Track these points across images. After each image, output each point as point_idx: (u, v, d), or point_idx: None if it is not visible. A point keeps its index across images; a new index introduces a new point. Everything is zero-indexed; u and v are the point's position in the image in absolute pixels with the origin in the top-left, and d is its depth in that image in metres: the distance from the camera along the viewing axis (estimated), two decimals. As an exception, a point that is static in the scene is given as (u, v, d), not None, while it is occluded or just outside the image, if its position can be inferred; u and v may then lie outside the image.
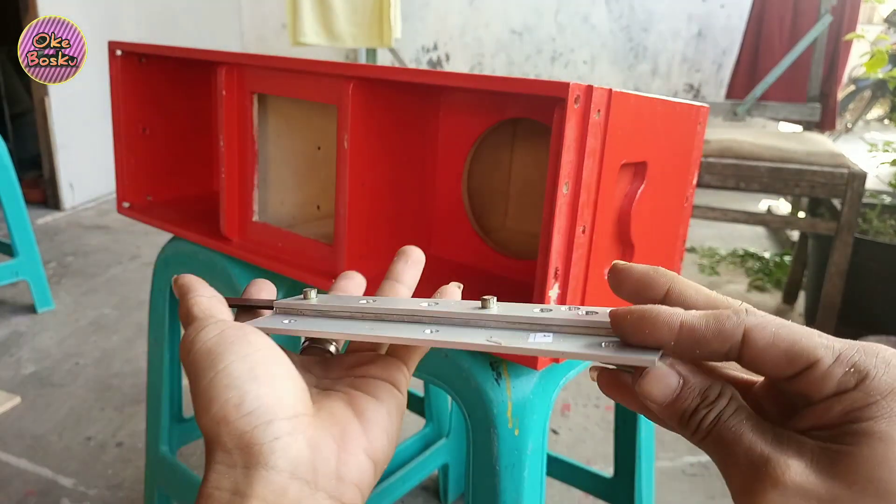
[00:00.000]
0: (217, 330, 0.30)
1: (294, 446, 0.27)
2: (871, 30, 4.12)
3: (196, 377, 0.29)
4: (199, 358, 0.29)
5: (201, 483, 0.27)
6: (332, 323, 0.34)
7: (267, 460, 0.26)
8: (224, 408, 0.27)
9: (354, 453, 0.29)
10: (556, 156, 0.47)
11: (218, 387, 0.28)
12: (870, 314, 1.81)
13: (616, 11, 3.97)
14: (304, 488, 0.27)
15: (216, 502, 0.26)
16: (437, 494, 1.22)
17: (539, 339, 0.29)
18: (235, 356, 0.28)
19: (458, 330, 0.32)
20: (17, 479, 1.20)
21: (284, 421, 0.27)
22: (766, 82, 2.37)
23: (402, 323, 0.33)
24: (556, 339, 0.29)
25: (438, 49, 4.08)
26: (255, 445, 0.26)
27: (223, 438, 0.27)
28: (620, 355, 0.27)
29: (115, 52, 0.79)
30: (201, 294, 0.33)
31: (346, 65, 0.59)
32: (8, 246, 1.82)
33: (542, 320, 0.30)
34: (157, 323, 0.91)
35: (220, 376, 0.28)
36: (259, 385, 0.28)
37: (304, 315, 0.36)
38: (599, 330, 0.29)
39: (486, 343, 0.30)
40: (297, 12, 2.32)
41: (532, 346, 0.29)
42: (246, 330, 0.30)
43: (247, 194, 0.72)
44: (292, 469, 0.27)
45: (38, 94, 2.74)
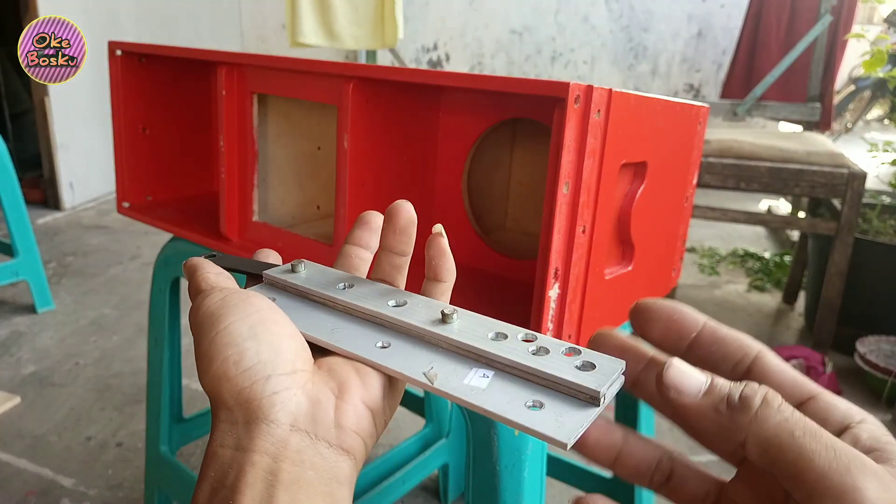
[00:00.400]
0: (220, 295, 0.31)
1: (293, 400, 0.28)
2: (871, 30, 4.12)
3: (199, 339, 0.29)
4: (202, 320, 0.30)
5: (207, 443, 0.28)
6: (304, 312, 0.35)
7: (267, 414, 0.27)
8: (224, 365, 0.28)
9: (352, 402, 0.29)
10: (556, 156, 0.47)
11: (218, 345, 0.28)
12: (870, 314, 1.81)
13: (616, 11, 3.97)
14: (304, 439, 0.27)
15: (220, 459, 0.27)
16: (437, 494, 1.22)
17: (475, 380, 0.29)
18: (236, 317, 0.29)
19: (406, 348, 0.32)
20: (17, 479, 1.20)
21: (283, 376, 0.28)
22: (766, 82, 2.37)
23: (362, 325, 0.34)
24: (492, 382, 0.29)
25: (438, 49, 4.08)
26: (255, 400, 0.27)
27: (224, 396, 0.28)
28: (533, 423, 0.26)
29: (115, 52, 0.79)
30: (208, 271, 0.35)
31: (346, 65, 0.59)
32: (8, 246, 1.82)
33: (489, 355, 0.30)
34: (157, 323, 0.91)
35: (220, 336, 0.29)
36: (258, 342, 0.28)
37: (287, 292, 0.37)
38: (543, 380, 0.28)
39: (419, 377, 0.30)
40: (296, 12, 2.32)
41: (455, 392, 0.29)
42: (248, 294, 0.31)
43: (247, 194, 0.72)
44: (292, 421, 0.27)
45: (38, 94, 2.74)
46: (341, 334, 0.33)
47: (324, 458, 0.27)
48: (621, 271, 0.59)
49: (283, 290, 0.37)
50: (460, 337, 0.31)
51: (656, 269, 0.68)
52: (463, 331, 0.31)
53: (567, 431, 0.25)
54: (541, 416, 0.27)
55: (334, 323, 0.34)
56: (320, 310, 0.35)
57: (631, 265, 0.60)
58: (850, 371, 1.70)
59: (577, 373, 0.28)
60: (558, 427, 0.26)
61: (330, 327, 0.34)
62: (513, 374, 0.29)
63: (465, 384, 0.29)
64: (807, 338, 1.92)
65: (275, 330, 0.29)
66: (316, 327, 0.34)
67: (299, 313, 0.35)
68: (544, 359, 0.29)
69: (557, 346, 0.30)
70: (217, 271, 0.35)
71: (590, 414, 0.26)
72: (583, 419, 0.26)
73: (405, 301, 0.34)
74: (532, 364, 0.28)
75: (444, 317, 0.32)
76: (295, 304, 0.36)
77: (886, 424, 1.48)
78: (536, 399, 0.27)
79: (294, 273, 0.38)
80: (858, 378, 1.66)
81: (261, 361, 0.28)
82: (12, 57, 3.05)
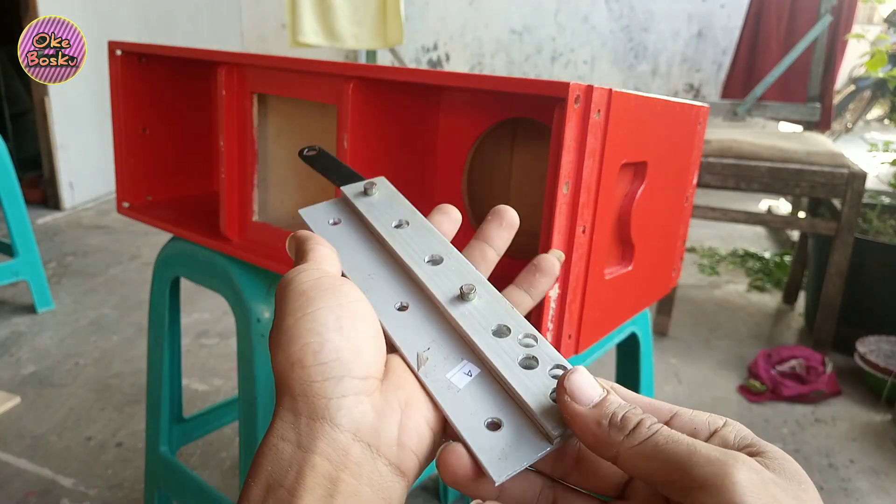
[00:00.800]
0: (316, 275, 0.30)
1: (359, 407, 0.27)
2: (871, 30, 4.12)
3: (283, 314, 0.29)
4: (292, 297, 0.29)
5: (268, 430, 0.27)
6: (355, 246, 0.36)
7: (333, 416, 0.26)
8: (302, 350, 0.27)
9: (416, 421, 0.28)
10: (556, 156, 0.47)
11: (301, 329, 0.28)
12: (870, 314, 1.81)
13: (616, 11, 3.97)
14: (365, 451, 0.26)
15: (280, 454, 0.26)
16: (436, 494, 1.22)
17: (458, 376, 0.30)
18: (326, 303, 0.29)
19: (419, 316, 0.33)
20: (17, 479, 1.20)
21: (356, 380, 0.27)
22: (766, 82, 2.37)
23: (396, 274, 0.35)
24: (472, 383, 0.30)
25: (438, 49, 4.08)
26: (323, 398, 0.26)
27: (292, 382, 0.27)
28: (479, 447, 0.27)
29: (115, 52, 0.79)
30: (318, 243, 0.33)
31: (346, 65, 0.59)
32: (8, 246, 1.82)
33: (480, 353, 0.30)
34: (157, 323, 0.91)
35: (306, 318, 0.28)
36: (341, 337, 0.28)
37: (350, 218, 0.38)
38: (517, 396, 0.28)
39: (411, 358, 0.31)
40: (296, 12, 2.31)
41: (432, 386, 0.29)
42: (342, 282, 0.30)
43: (247, 194, 0.72)
44: (355, 429, 0.26)
45: (38, 94, 2.74)
46: (373, 283, 0.34)
47: (381, 476, 0.26)
48: (621, 271, 0.59)
49: (350, 212, 0.38)
50: (465, 322, 0.31)
51: (656, 269, 0.68)
52: (473, 315, 0.32)
53: (503, 467, 0.26)
54: (489, 441, 0.27)
55: (373, 267, 0.35)
56: (370, 246, 0.36)
57: (631, 265, 0.60)
58: (850, 371, 1.70)
59: (546, 404, 0.28)
60: (498, 460, 0.27)
61: (367, 272, 0.34)
62: (493, 378, 0.30)
63: (446, 378, 0.30)
64: (807, 338, 1.92)
65: (360, 327, 0.29)
66: (356, 268, 0.34)
67: (351, 246, 0.36)
68: (528, 375, 0.29)
69: (550, 360, 0.30)
70: (326, 247, 0.33)
71: (538, 452, 0.27)
72: (526, 457, 0.27)
73: (441, 258, 0.34)
74: (510, 379, 0.29)
75: (462, 295, 0.32)
76: (352, 234, 0.36)
77: (886, 424, 1.48)
78: (498, 417, 0.28)
79: (366, 196, 0.38)
80: (858, 378, 1.66)
81: (339, 359, 0.27)
82: (12, 57, 3.05)
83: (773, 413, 1.52)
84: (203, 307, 1.95)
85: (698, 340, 1.89)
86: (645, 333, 0.79)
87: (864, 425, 1.49)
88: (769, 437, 1.42)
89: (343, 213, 0.38)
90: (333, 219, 0.38)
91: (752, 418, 1.50)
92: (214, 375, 1.59)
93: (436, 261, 0.34)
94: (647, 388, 0.84)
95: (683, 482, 0.23)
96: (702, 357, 1.79)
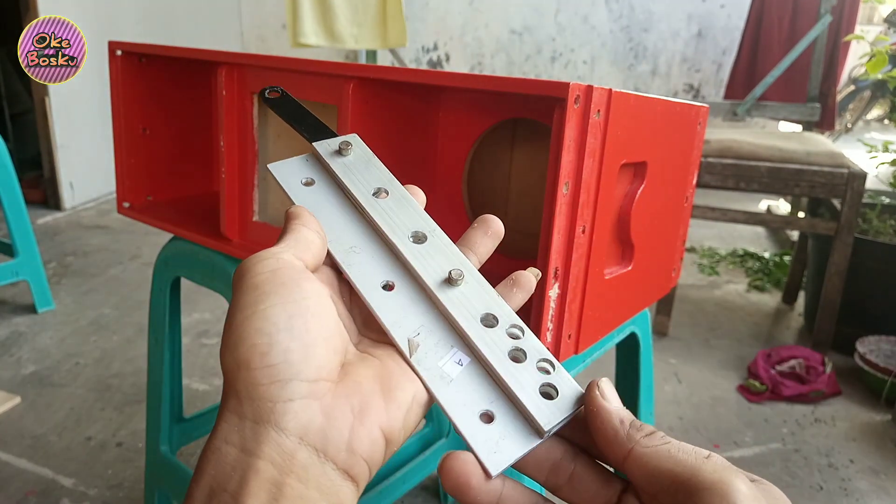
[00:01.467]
0: (273, 265, 0.29)
1: (306, 411, 0.26)
2: (871, 30, 4.12)
3: (234, 310, 0.28)
4: (245, 290, 0.28)
5: (211, 432, 0.27)
6: (334, 213, 0.34)
7: (278, 420, 0.26)
8: (249, 351, 0.26)
9: (369, 428, 0.27)
10: (556, 156, 0.47)
11: (250, 328, 0.27)
12: (870, 314, 1.81)
13: (616, 11, 3.97)
14: (312, 456, 0.26)
15: (224, 457, 0.25)
16: (436, 494, 1.22)
17: (449, 365, 0.30)
18: (278, 299, 0.27)
19: (407, 296, 0.32)
20: (17, 479, 1.20)
21: (304, 383, 0.26)
22: (765, 82, 2.37)
23: (379, 248, 0.34)
24: (463, 372, 0.30)
25: (438, 49, 4.08)
26: (269, 402, 0.26)
27: (238, 385, 0.26)
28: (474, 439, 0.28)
29: (115, 52, 0.79)
30: (305, 224, 0.32)
31: (346, 65, 0.59)
32: (8, 246, 1.82)
33: (470, 342, 0.31)
34: (157, 323, 0.91)
35: (256, 316, 0.27)
36: (291, 338, 0.27)
37: (325, 178, 0.36)
38: (508, 390, 0.29)
39: (403, 344, 0.30)
40: (296, 13, 2.31)
41: (425, 374, 0.30)
42: (301, 275, 0.29)
43: (247, 194, 0.72)
44: (302, 433, 0.26)
45: (38, 94, 2.74)
46: (356, 258, 0.33)
47: (329, 480, 0.26)
48: (621, 271, 0.60)
49: (324, 172, 0.36)
50: (454, 309, 0.31)
51: (656, 269, 0.68)
52: (461, 301, 0.32)
53: (497, 460, 0.27)
54: (484, 434, 0.28)
55: (355, 239, 0.34)
56: (348, 214, 0.35)
57: (631, 265, 0.60)
58: (850, 371, 1.70)
59: (535, 399, 0.29)
60: (493, 453, 0.28)
61: (348, 245, 0.33)
62: (484, 368, 0.30)
63: (438, 366, 0.30)
64: (806, 338, 1.92)
65: (312, 327, 0.28)
66: (336, 240, 0.33)
67: (328, 214, 0.34)
68: (516, 368, 0.30)
69: (536, 353, 0.30)
70: (311, 231, 0.32)
71: (528, 445, 0.28)
72: (518, 450, 0.28)
73: (425, 237, 0.34)
74: (501, 373, 0.29)
75: (451, 280, 0.32)
76: (328, 199, 0.35)
77: (886, 424, 1.48)
78: (491, 410, 0.29)
79: (341, 156, 0.36)
80: (858, 378, 1.67)
81: (287, 361, 0.26)
82: (12, 57, 3.05)
83: (772, 413, 1.52)
84: (203, 307, 1.95)
85: (698, 340, 1.89)
86: (645, 333, 0.79)
87: (863, 425, 1.49)
88: (769, 436, 1.43)
89: (316, 172, 0.36)
90: (306, 178, 0.36)
91: (751, 418, 1.50)
92: (214, 375, 1.59)
93: (419, 238, 0.34)
94: (647, 388, 0.84)
95: (691, 484, 0.25)
96: (701, 357, 1.79)
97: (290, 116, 0.38)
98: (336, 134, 0.38)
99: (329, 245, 0.33)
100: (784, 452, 1.37)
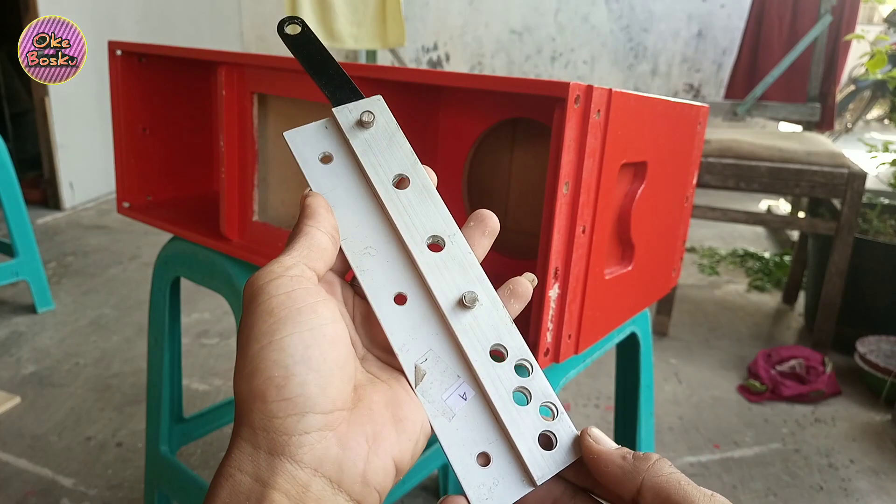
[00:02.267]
0: (287, 287, 0.28)
1: (322, 443, 0.26)
2: (871, 30, 4.12)
3: (248, 338, 0.27)
4: (260, 316, 0.27)
5: (224, 458, 0.26)
6: (352, 200, 0.32)
7: (294, 453, 0.25)
8: (265, 384, 0.26)
9: (383, 458, 0.27)
10: (556, 156, 0.47)
11: (267, 360, 0.26)
12: (870, 314, 1.81)
13: (616, 11, 3.97)
14: (326, 487, 0.26)
15: (237, 485, 0.25)
16: (437, 494, 1.22)
17: (453, 398, 0.30)
18: (295, 328, 0.27)
19: (418, 314, 0.31)
20: (17, 479, 1.20)
21: (320, 416, 0.26)
22: (765, 82, 2.37)
23: (395, 251, 0.32)
24: (466, 408, 0.30)
25: (438, 49, 4.08)
26: (284, 435, 0.26)
27: (253, 415, 0.26)
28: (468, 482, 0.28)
29: (115, 52, 0.79)
30: (317, 225, 0.30)
31: (346, 65, 0.59)
32: (8, 246, 1.82)
33: (476, 377, 0.30)
34: (157, 323, 0.91)
35: (272, 346, 0.26)
36: (308, 370, 0.26)
37: (344, 156, 0.33)
38: (518, 429, 0.29)
39: (409, 369, 0.30)
40: (296, 12, 2.32)
41: (428, 407, 0.30)
42: (317, 298, 0.28)
43: (247, 194, 0.72)
44: (317, 465, 0.26)
45: (38, 94, 2.74)
46: (369, 262, 0.31)
47: None
48: (621, 271, 0.59)
49: (344, 146, 0.33)
50: (464, 337, 0.31)
51: (656, 269, 0.68)
52: (472, 328, 0.31)
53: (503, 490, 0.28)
54: (479, 478, 0.28)
55: (371, 237, 0.32)
56: (367, 203, 0.32)
57: (631, 265, 0.60)
58: (850, 371, 1.70)
59: (533, 447, 0.29)
60: (485, 499, 0.28)
61: (364, 244, 0.32)
62: (487, 405, 0.30)
63: (443, 399, 0.30)
64: (806, 338, 1.92)
65: (329, 357, 0.27)
66: (353, 237, 0.31)
67: (345, 202, 0.32)
68: (518, 411, 0.30)
69: (541, 395, 0.30)
70: (325, 235, 0.31)
71: (521, 492, 0.28)
72: (510, 497, 0.28)
73: (443, 242, 0.32)
74: (503, 415, 0.29)
75: (463, 303, 0.31)
76: (346, 182, 0.32)
77: (886, 424, 1.48)
78: (488, 451, 0.29)
79: (363, 129, 0.33)
80: (858, 378, 1.67)
81: (304, 394, 0.26)
82: (12, 57, 3.05)
83: (772, 413, 1.52)
84: (203, 307, 1.95)
85: (698, 340, 1.89)
86: (645, 333, 0.79)
87: (863, 425, 1.49)
88: (769, 436, 1.43)
89: (335, 145, 0.33)
90: (323, 152, 0.33)
91: (751, 418, 1.50)
92: (214, 375, 1.59)
93: (438, 244, 0.32)
94: (647, 388, 0.84)
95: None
96: (701, 357, 1.79)
97: (311, 63, 0.34)
98: (360, 94, 0.34)
99: (343, 244, 0.31)
100: (784, 452, 1.37)
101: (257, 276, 0.28)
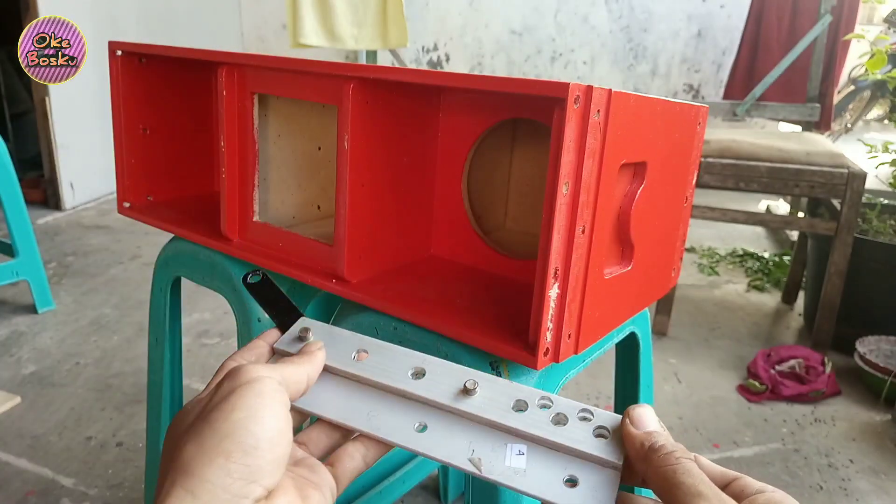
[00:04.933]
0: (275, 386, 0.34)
1: None
2: (871, 30, 4.12)
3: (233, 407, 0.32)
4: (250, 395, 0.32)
5: (156, 500, 0.30)
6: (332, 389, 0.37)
7: None
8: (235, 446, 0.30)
9: None
10: (555, 156, 0.47)
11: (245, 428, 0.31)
12: (869, 314, 1.81)
13: (616, 11, 3.97)
14: None
15: None
16: (437, 494, 1.22)
17: (513, 459, 0.33)
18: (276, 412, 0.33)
19: (442, 426, 0.35)
20: (17, 479, 1.20)
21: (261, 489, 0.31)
22: (765, 82, 2.37)
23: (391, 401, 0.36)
24: (528, 459, 0.33)
25: (438, 49, 4.08)
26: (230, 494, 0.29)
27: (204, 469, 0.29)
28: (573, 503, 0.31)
29: (115, 52, 0.79)
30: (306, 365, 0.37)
31: (347, 65, 0.59)
32: (8, 246, 1.82)
33: (517, 431, 0.33)
34: (157, 322, 0.91)
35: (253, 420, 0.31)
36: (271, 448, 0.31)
37: None
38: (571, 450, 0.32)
39: (467, 466, 0.33)
40: (297, 13, 2.31)
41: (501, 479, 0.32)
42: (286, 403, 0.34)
43: (247, 194, 0.72)
44: None
45: (38, 94, 2.74)
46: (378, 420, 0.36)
47: None
48: (621, 271, 0.60)
49: None
50: (486, 413, 0.34)
51: (656, 269, 0.68)
52: (486, 404, 0.35)
53: None
54: (578, 498, 0.31)
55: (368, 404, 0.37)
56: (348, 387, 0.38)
57: (631, 265, 0.60)
58: (850, 371, 1.70)
59: (595, 443, 0.32)
60: None
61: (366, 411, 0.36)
62: (542, 446, 0.33)
63: (507, 466, 0.33)
64: (806, 338, 1.93)
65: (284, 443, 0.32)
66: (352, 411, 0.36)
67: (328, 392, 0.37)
68: (565, 429, 0.33)
69: (572, 409, 0.34)
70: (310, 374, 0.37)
71: (615, 481, 0.32)
72: (611, 490, 0.31)
73: (423, 370, 0.37)
74: (557, 439, 0.33)
75: (467, 391, 0.35)
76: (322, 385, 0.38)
77: (886, 424, 1.48)
78: (571, 474, 0.32)
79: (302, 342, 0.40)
80: (858, 378, 1.67)
81: (260, 468, 0.30)
82: (12, 57, 3.05)
83: (772, 413, 1.53)
84: (203, 307, 1.95)
85: (698, 340, 1.90)
86: (644, 333, 0.79)
87: (863, 425, 1.49)
88: (769, 436, 1.43)
89: None
90: None
91: (751, 418, 1.50)
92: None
93: (419, 373, 0.37)
94: (647, 387, 0.84)
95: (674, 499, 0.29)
96: (701, 357, 1.79)
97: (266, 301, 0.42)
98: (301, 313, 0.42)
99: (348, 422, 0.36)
100: (784, 452, 1.37)
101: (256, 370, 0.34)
